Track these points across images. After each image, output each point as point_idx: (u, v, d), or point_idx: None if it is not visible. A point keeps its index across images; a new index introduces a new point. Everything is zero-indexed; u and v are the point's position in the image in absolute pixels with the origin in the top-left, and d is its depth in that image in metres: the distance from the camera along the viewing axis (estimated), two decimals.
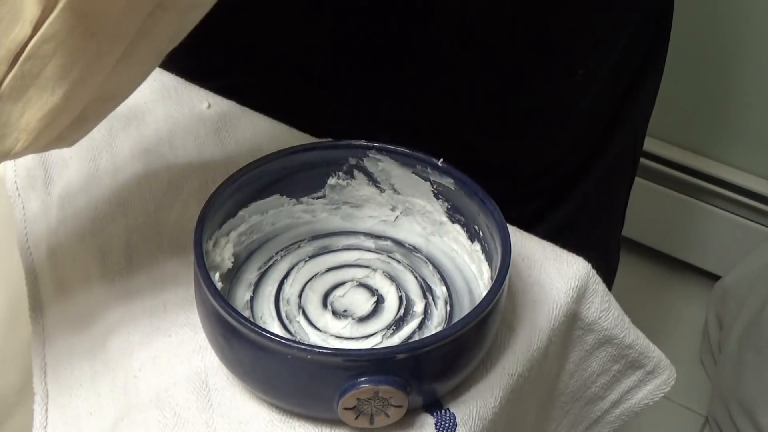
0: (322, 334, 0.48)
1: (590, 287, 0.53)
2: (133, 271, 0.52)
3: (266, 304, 0.49)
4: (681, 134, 1.39)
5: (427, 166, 0.51)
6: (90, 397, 0.46)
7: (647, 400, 0.58)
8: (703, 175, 1.39)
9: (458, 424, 0.45)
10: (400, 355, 0.42)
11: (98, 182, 0.57)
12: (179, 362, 0.48)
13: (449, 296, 0.50)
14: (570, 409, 0.59)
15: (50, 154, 0.58)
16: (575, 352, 0.55)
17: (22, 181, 0.57)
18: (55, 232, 0.54)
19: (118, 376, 0.47)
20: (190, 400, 0.46)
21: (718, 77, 1.32)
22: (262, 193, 0.52)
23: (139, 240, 0.54)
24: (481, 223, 0.50)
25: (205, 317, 0.45)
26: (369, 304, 0.49)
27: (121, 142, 0.59)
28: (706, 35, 1.28)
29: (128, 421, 0.45)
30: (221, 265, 0.49)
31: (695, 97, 1.35)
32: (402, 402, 0.43)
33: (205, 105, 0.62)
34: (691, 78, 1.33)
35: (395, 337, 0.48)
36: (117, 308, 0.50)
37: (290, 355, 0.41)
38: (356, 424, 0.44)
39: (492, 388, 0.47)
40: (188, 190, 0.56)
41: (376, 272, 0.51)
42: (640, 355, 0.56)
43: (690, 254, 1.49)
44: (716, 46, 1.29)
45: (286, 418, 0.45)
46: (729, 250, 1.41)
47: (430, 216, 0.53)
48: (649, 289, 1.47)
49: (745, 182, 1.38)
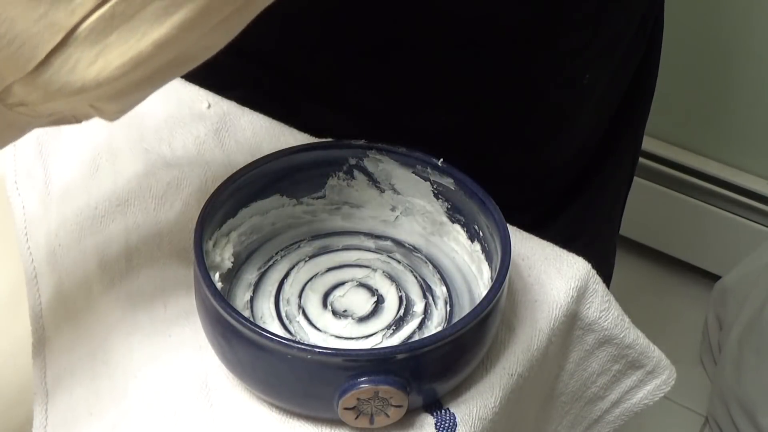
0: (322, 334, 0.48)
1: (590, 287, 0.53)
2: (132, 271, 0.52)
3: (266, 304, 0.49)
4: (680, 134, 1.39)
5: (427, 166, 0.51)
6: (90, 397, 0.46)
7: (647, 400, 0.58)
8: (703, 175, 1.40)
9: (458, 424, 0.45)
10: (400, 355, 0.42)
11: (98, 182, 0.57)
12: (179, 362, 0.48)
13: (449, 296, 0.50)
14: (570, 409, 0.59)
15: (50, 153, 0.58)
16: (575, 352, 0.55)
17: (22, 181, 0.57)
18: (55, 232, 0.54)
19: (118, 376, 0.47)
20: (190, 400, 0.46)
21: (717, 77, 1.32)
22: (262, 193, 0.52)
23: (139, 240, 0.54)
24: (481, 223, 0.50)
25: (205, 317, 0.45)
26: (369, 304, 0.49)
27: (121, 142, 0.59)
28: (705, 35, 1.28)
29: (128, 421, 0.45)
30: (221, 265, 0.49)
31: (694, 97, 1.35)
32: (402, 402, 0.43)
33: (205, 105, 0.62)
34: (691, 78, 1.33)
35: (395, 337, 0.48)
36: (117, 308, 0.50)
37: (290, 355, 0.41)
38: (356, 424, 0.44)
39: (492, 388, 0.47)
40: (188, 190, 0.56)
41: (376, 272, 0.51)
42: (640, 355, 0.56)
43: (690, 254, 1.49)
44: (716, 45, 1.29)
45: (286, 418, 0.45)
46: (729, 250, 1.41)
47: (430, 216, 0.53)
48: (649, 289, 1.47)
49: (745, 182, 1.38)
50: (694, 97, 1.35)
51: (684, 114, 1.37)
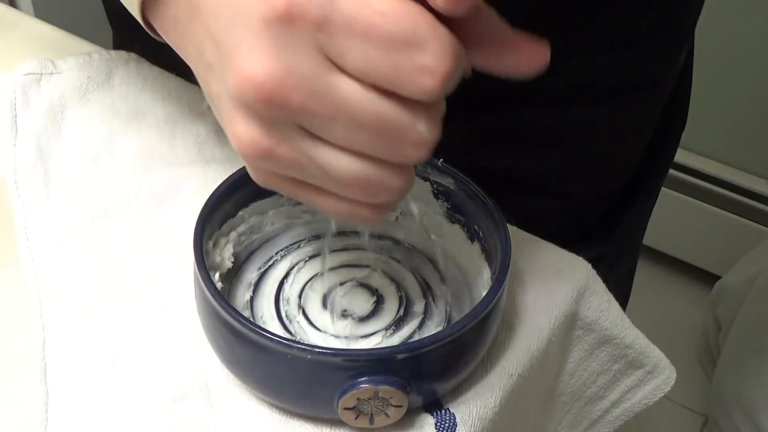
0: (322, 334, 0.48)
1: (590, 287, 0.53)
2: (132, 271, 0.52)
3: (266, 304, 0.49)
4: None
5: (427, 166, 0.51)
6: (90, 397, 0.46)
7: (647, 399, 0.58)
8: (704, 176, 1.40)
9: (458, 424, 0.45)
10: (400, 355, 0.42)
11: (98, 182, 0.57)
12: (179, 362, 0.48)
13: (449, 296, 0.50)
14: (570, 409, 0.59)
15: (50, 153, 0.58)
16: (575, 352, 0.55)
17: (22, 181, 0.57)
18: (55, 232, 0.54)
19: (118, 376, 0.47)
20: (190, 400, 0.46)
21: (717, 76, 1.32)
22: (262, 193, 0.52)
23: (139, 240, 0.54)
24: (481, 223, 0.50)
25: (205, 317, 0.45)
26: (369, 304, 0.49)
27: (121, 142, 0.59)
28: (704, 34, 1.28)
29: (128, 420, 0.45)
30: (221, 265, 0.49)
31: (694, 96, 1.35)
32: (402, 402, 0.43)
33: (205, 105, 0.62)
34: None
35: (395, 337, 0.48)
36: (117, 308, 0.50)
37: (290, 355, 0.41)
38: (356, 424, 0.44)
39: (492, 388, 0.47)
40: (188, 190, 0.56)
41: (376, 272, 0.51)
42: (640, 355, 0.56)
43: (690, 254, 1.49)
44: (715, 45, 1.29)
45: (286, 418, 0.45)
46: (729, 250, 1.41)
47: (430, 216, 0.53)
48: (649, 289, 1.47)
49: (744, 182, 1.38)
50: (692, 96, 1.35)
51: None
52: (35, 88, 0.61)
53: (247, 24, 0.33)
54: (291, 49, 0.32)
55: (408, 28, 0.31)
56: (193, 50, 0.37)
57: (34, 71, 0.61)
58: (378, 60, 0.32)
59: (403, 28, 0.31)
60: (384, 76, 0.32)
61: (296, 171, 0.36)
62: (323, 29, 0.32)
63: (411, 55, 0.32)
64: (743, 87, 1.31)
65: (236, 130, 0.35)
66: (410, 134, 0.34)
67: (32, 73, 0.61)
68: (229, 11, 0.34)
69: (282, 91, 0.33)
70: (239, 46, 0.33)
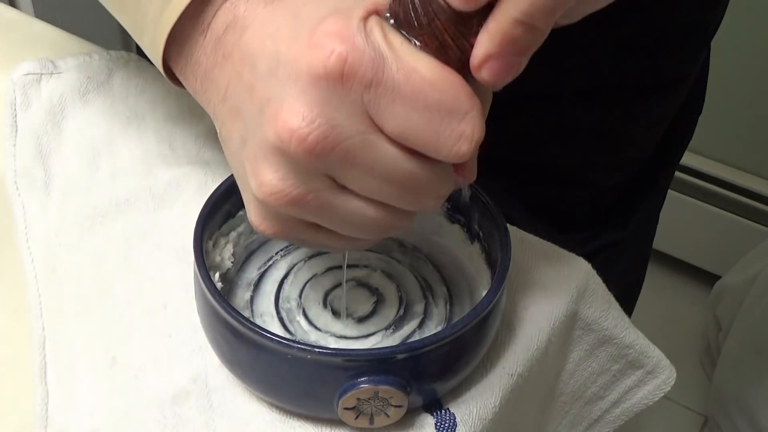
0: (322, 334, 0.48)
1: (590, 287, 0.53)
2: (132, 271, 0.52)
3: (266, 304, 0.49)
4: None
5: None
6: (90, 397, 0.46)
7: (647, 399, 0.58)
8: (704, 176, 1.40)
9: (458, 424, 0.45)
10: (400, 355, 0.42)
11: (98, 182, 0.57)
12: (179, 362, 0.48)
13: (449, 296, 0.50)
14: (570, 409, 0.59)
15: (50, 153, 0.58)
16: (575, 352, 0.55)
17: (22, 181, 0.57)
18: (55, 232, 0.54)
19: (118, 376, 0.47)
20: (190, 400, 0.46)
21: (717, 76, 1.32)
22: None
23: (139, 240, 0.54)
24: (481, 223, 0.50)
25: (205, 317, 0.45)
26: (369, 303, 0.49)
27: (121, 142, 0.59)
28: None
29: (128, 421, 0.45)
30: (221, 265, 0.49)
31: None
32: (402, 402, 0.43)
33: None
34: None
35: (395, 336, 0.48)
36: (117, 308, 0.50)
37: (290, 355, 0.41)
38: (356, 424, 0.44)
39: (492, 388, 0.47)
40: (188, 190, 0.56)
41: (375, 272, 0.51)
42: (640, 355, 0.56)
43: (690, 254, 1.49)
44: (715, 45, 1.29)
45: (286, 418, 0.45)
46: (729, 250, 1.41)
47: (430, 216, 0.53)
48: (649, 289, 1.47)
49: (744, 182, 1.38)
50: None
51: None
52: (35, 88, 0.61)
53: (292, 77, 0.33)
54: (337, 105, 0.33)
55: (453, 97, 0.33)
56: (215, 94, 0.38)
57: (34, 71, 0.61)
58: (420, 125, 0.33)
59: (449, 98, 0.33)
60: (424, 141, 0.34)
61: (316, 217, 0.37)
62: (371, 91, 0.33)
63: (453, 123, 0.33)
64: (743, 87, 1.31)
65: (263, 177, 0.35)
66: (434, 190, 0.36)
67: (32, 73, 0.61)
68: (270, 62, 0.34)
69: (325, 145, 0.33)
70: (283, 98, 0.34)
